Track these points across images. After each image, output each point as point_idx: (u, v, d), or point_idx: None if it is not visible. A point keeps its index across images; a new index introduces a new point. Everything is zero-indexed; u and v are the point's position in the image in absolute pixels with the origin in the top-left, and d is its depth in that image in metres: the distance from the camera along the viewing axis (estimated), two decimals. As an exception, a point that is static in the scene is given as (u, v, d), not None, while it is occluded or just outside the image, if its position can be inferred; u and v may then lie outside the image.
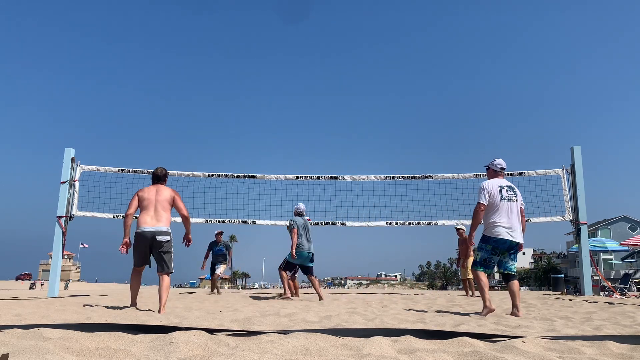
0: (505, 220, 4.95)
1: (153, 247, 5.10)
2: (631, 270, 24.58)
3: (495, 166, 5.24)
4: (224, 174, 9.83)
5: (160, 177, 5.43)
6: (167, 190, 5.31)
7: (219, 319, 3.98)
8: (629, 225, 53.71)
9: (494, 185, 5.07)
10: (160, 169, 5.47)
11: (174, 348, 2.21)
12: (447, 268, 78.64)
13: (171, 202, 5.27)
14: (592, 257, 10.20)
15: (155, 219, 5.12)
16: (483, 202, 5.00)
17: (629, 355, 2.26)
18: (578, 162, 9.47)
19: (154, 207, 5.17)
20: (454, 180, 9.74)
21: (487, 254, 5.02)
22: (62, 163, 9.25)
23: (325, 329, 2.92)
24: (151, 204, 5.17)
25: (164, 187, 5.37)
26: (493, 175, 5.26)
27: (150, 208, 5.16)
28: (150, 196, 5.22)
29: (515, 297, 4.95)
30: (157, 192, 5.26)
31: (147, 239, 5.07)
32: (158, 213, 5.15)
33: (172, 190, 5.36)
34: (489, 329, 3.50)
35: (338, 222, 9.59)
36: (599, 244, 18.01)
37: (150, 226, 5.09)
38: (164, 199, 5.22)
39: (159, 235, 5.08)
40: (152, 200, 5.19)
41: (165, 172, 5.50)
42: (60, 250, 9.00)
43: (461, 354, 2.23)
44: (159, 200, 5.19)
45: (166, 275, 5.07)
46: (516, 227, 4.99)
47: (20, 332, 2.58)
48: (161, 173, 5.44)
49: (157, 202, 5.18)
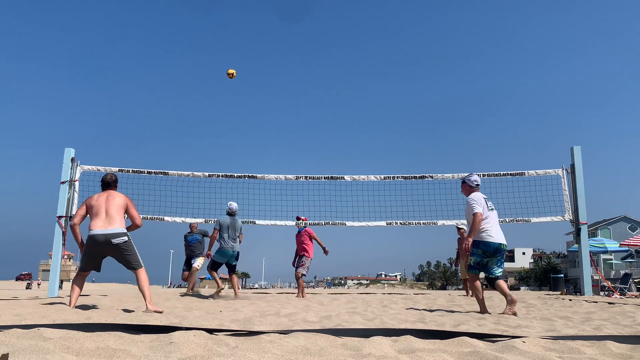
0: (492, 227, 5.37)
1: (110, 252, 4.95)
2: (631, 270, 24.57)
3: (472, 182, 5.61)
4: (224, 174, 9.83)
5: (110, 183, 5.28)
6: (119, 196, 5.16)
7: (219, 319, 3.98)
8: (629, 225, 53.71)
9: (480, 197, 5.47)
10: (110, 174, 5.33)
11: (174, 348, 2.21)
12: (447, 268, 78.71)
13: (124, 207, 5.11)
14: (592, 257, 10.20)
15: (107, 222, 4.94)
16: (481, 211, 5.34)
17: (629, 355, 2.27)
18: (578, 162, 9.48)
19: (105, 212, 4.99)
20: (454, 180, 9.74)
21: (479, 258, 5.36)
22: (62, 163, 9.26)
23: (325, 329, 2.92)
24: (102, 209, 5.00)
25: (116, 192, 5.23)
26: (469, 190, 5.62)
27: (101, 213, 4.99)
28: (100, 202, 5.05)
29: (505, 292, 5.24)
30: (107, 198, 5.11)
31: (99, 242, 4.88)
32: (110, 217, 4.97)
33: (125, 197, 5.22)
34: (489, 329, 3.50)
35: (338, 222, 9.59)
36: (598, 244, 18.01)
37: (101, 229, 4.89)
38: (116, 203, 5.06)
39: (114, 238, 4.89)
40: (103, 205, 5.03)
41: (115, 178, 5.34)
42: (60, 250, 9.00)
43: (461, 354, 2.23)
44: (110, 206, 5.03)
45: (139, 271, 4.97)
46: (501, 233, 5.44)
47: (20, 332, 2.58)
48: (111, 179, 5.29)
49: (108, 207, 5.01)
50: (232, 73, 8.82)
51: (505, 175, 9.69)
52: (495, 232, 5.34)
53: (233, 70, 8.84)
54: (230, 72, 8.81)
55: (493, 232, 5.33)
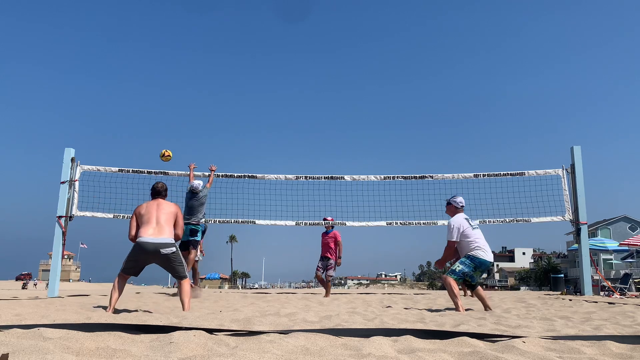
0: (483, 244, 5.55)
1: (158, 261, 4.88)
2: (631, 270, 24.55)
3: (457, 204, 5.76)
4: (224, 174, 9.82)
5: (160, 191, 5.17)
6: (170, 205, 5.07)
7: (219, 319, 3.98)
8: (629, 225, 53.73)
9: (461, 220, 5.61)
10: (161, 183, 5.22)
11: (174, 348, 2.21)
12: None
13: (174, 217, 5.01)
14: (592, 257, 10.20)
15: (157, 231, 4.83)
16: (455, 240, 5.53)
17: (629, 355, 2.27)
18: (578, 162, 9.48)
19: (156, 220, 4.88)
20: (454, 180, 9.74)
21: (468, 270, 5.49)
22: (62, 163, 9.26)
23: (325, 329, 2.92)
24: (152, 217, 4.89)
25: (166, 201, 5.13)
26: (454, 211, 5.75)
27: (152, 221, 4.87)
28: (150, 210, 4.95)
29: (484, 300, 5.63)
30: (158, 206, 5.01)
31: (147, 251, 4.77)
32: (160, 226, 4.86)
33: (176, 206, 5.12)
34: (489, 329, 3.50)
35: (338, 222, 9.58)
36: (598, 244, 18.00)
37: (152, 237, 4.78)
38: (167, 212, 4.98)
39: (163, 248, 4.78)
40: (153, 213, 4.92)
41: (165, 187, 5.24)
42: (60, 250, 9.00)
43: (461, 354, 2.23)
44: (161, 214, 4.93)
45: (185, 281, 4.93)
46: (489, 249, 5.63)
47: (20, 332, 2.58)
48: (162, 188, 5.19)
49: (158, 216, 4.91)
50: (168, 155, 8.63)
51: (505, 175, 9.69)
52: (487, 249, 5.53)
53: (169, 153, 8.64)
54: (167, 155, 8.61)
55: (485, 248, 5.51)
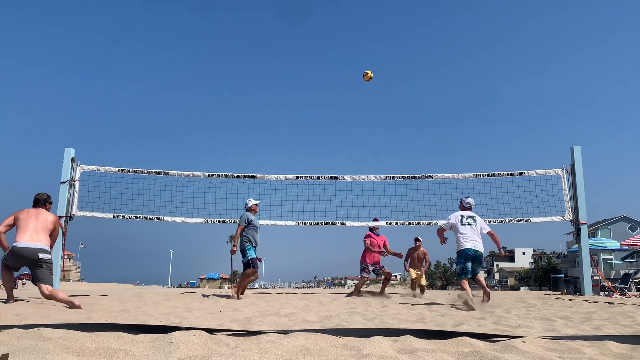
0: (467, 236, 6.43)
1: (32, 265, 5.07)
2: (631, 270, 24.57)
3: (465, 204, 6.81)
4: (224, 174, 9.83)
5: (40, 201, 5.39)
6: (49, 215, 5.30)
7: (219, 319, 3.98)
8: (629, 225, 53.68)
9: (456, 215, 6.63)
10: (44, 194, 5.43)
11: (174, 348, 2.21)
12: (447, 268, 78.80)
13: (51, 227, 5.24)
14: (592, 257, 10.20)
15: (34, 238, 5.08)
16: (442, 226, 6.79)
17: (629, 355, 2.27)
18: (578, 162, 9.48)
19: (34, 228, 5.12)
20: (454, 180, 9.75)
21: (462, 263, 6.41)
22: (62, 163, 9.26)
23: (325, 329, 2.92)
24: (29, 225, 5.12)
25: (46, 211, 5.34)
26: (462, 209, 6.80)
27: (28, 228, 5.11)
28: (28, 217, 5.17)
29: (483, 286, 6.67)
30: (37, 214, 5.23)
31: (23, 256, 5.05)
32: (37, 233, 5.11)
33: (55, 217, 5.34)
34: (489, 329, 3.50)
35: (338, 222, 9.59)
36: (598, 244, 17.99)
37: (28, 243, 5.04)
38: (43, 220, 5.20)
39: (41, 252, 5.06)
40: (31, 221, 5.15)
41: (46, 196, 5.44)
42: (60, 251, 9.00)
43: (461, 354, 2.23)
44: (39, 222, 5.16)
45: (43, 286, 5.06)
46: (478, 240, 6.46)
47: (20, 332, 2.58)
48: (42, 198, 5.40)
49: (36, 224, 5.14)
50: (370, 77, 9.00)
51: (505, 175, 9.69)
52: (468, 242, 6.38)
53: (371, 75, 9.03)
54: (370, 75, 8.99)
55: (466, 242, 6.39)
